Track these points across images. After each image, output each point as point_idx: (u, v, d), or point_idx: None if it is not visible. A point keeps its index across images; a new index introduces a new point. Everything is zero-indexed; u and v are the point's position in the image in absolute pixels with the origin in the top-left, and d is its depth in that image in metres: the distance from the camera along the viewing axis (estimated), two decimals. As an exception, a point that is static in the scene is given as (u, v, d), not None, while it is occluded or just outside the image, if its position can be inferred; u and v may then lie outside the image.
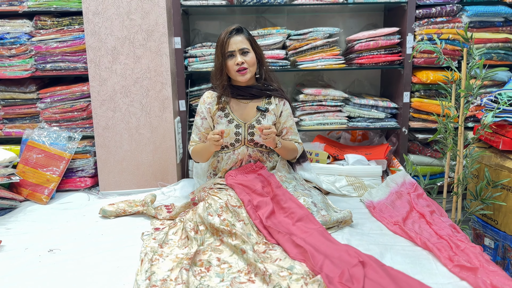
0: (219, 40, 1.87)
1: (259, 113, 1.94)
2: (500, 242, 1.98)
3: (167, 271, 1.36)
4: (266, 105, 1.96)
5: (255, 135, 1.92)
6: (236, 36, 1.85)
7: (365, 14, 2.77)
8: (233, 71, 1.87)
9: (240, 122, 1.92)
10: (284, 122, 2.00)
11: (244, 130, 1.92)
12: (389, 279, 1.22)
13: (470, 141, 2.01)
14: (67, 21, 2.32)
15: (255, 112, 1.94)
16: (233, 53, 1.85)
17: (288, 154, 1.98)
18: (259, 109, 1.93)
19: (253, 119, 1.93)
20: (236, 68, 1.85)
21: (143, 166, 2.33)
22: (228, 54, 1.86)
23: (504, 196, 1.92)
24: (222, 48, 1.85)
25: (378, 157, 2.44)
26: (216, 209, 1.64)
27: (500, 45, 2.40)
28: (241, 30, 1.89)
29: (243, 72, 1.87)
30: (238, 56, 1.84)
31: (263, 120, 1.93)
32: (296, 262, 1.37)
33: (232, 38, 1.85)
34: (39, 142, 2.27)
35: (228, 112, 1.93)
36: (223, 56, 1.86)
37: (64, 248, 1.60)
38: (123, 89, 2.25)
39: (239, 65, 1.85)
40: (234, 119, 1.92)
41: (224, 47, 1.85)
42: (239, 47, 1.85)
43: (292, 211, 1.63)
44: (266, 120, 1.93)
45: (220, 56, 1.86)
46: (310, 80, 2.83)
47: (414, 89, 2.46)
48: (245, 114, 1.94)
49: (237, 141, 1.93)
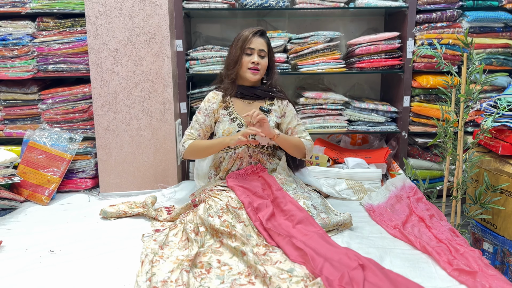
0: (241, 35, 1.93)
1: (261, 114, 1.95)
2: (499, 247, 1.99)
3: (168, 273, 1.36)
4: (268, 106, 1.99)
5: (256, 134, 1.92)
6: (260, 38, 1.93)
7: (366, 19, 2.78)
8: (245, 67, 1.92)
9: (242, 122, 1.94)
10: (289, 122, 2.02)
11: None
12: (388, 282, 1.22)
13: (469, 146, 2.02)
14: (69, 23, 2.34)
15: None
16: (253, 51, 1.91)
17: (293, 149, 1.95)
18: (262, 109, 1.95)
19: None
20: (250, 66, 1.91)
21: (144, 167, 2.34)
22: (247, 51, 1.91)
23: (503, 200, 1.92)
24: (244, 43, 1.91)
25: (378, 160, 2.45)
26: (217, 211, 1.64)
27: (500, 50, 2.42)
28: (265, 33, 1.97)
29: (255, 72, 1.93)
30: (255, 55, 1.91)
31: None
32: (296, 264, 1.38)
33: (257, 37, 1.92)
34: (40, 143, 2.27)
35: (232, 111, 1.96)
36: (242, 50, 1.91)
37: (64, 249, 1.60)
38: (124, 91, 2.26)
39: (253, 64, 1.91)
40: (237, 118, 1.95)
41: (246, 42, 1.91)
42: (259, 47, 1.92)
43: (292, 214, 1.64)
44: (269, 120, 1.95)
45: (239, 49, 1.91)
46: (310, 84, 2.84)
47: (414, 93, 2.47)
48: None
49: None
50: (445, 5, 2.38)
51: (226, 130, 1.94)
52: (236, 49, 1.92)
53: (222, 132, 1.94)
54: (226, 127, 1.94)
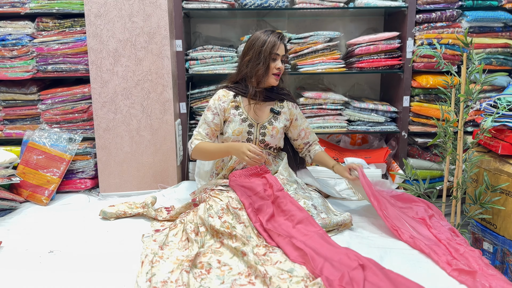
0: (267, 41, 1.88)
1: (271, 115, 1.98)
2: (499, 246, 1.99)
3: (168, 273, 1.36)
4: (278, 108, 2.01)
5: (266, 135, 1.95)
6: (282, 43, 1.92)
7: (366, 19, 2.78)
8: (271, 73, 1.92)
9: (253, 122, 1.95)
10: (301, 124, 2.06)
11: (256, 130, 1.95)
12: (388, 282, 1.22)
13: (469, 146, 2.02)
14: (69, 23, 2.33)
15: (268, 113, 1.98)
16: (277, 57, 1.90)
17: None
18: (273, 110, 1.97)
19: (265, 120, 1.97)
20: (275, 72, 1.91)
21: (144, 168, 2.34)
22: (274, 57, 1.90)
23: (503, 200, 1.93)
24: (272, 49, 1.88)
25: (377, 160, 2.45)
26: (217, 211, 1.64)
27: (499, 50, 2.42)
28: (284, 37, 1.95)
29: (278, 77, 1.94)
30: (279, 61, 1.90)
31: (275, 121, 1.97)
32: (296, 264, 1.38)
33: (282, 43, 1.91)
34: (40, 144, 2.27)
35: (242, 111, 1.96)
36: (270, 56, 1.89)
37: (64, 249, 1.60)
38: (124, 91, 2.26)
39: (279, 70, 1.91)
40: (247, 118, 1.95)
41: (274, 48, 1.88)
42: (283, 53, 1.92)
43: (292, 214, 1.64)
44: (278, 122, 1.97)
45: (268, 55, 1.88)
46: (310, 84, 2.84)
47: (414, 93, 2.47)
48: (258, 114, 1.98)
49: (248, 140, 1.96)
50: (445, 5, 2.38)
51: (236, 130, 1.94)
52: (265, 55, 1.88)
53: (232, 133, 1.94)
54: (237, 127, 1.94)
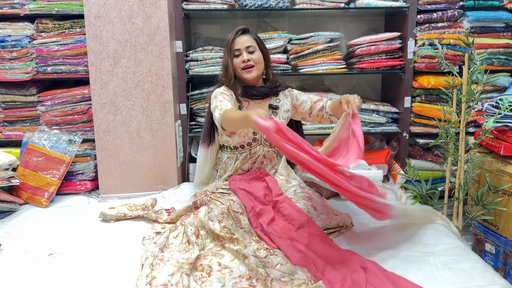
0: (227, 40, 1.93)
1: (271, 111, 1.97)
2: (501, 248, 1.98)
3: (168, 276, 1.35)
4: (276, 103, 1.99)
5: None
6: (243, 36, 1.91)
7: (366, 19, 2.77)
8: (239, 69, 1.91)
9: None
10: (305, 99, 2.01)
11: None
12: (391, 284, 1.22)
13: (471, 146, 2.01)
14: (68, 24, 2.33)
15: (267, 110, 1.97)
16: (240, 51, 1.90)
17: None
18: (271, 106, 1.97)
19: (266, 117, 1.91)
20: (242, 66, 1.89)
21: (144, 169, 2.33)
22: (234, 53, 1.90)
23: (505, 201, 1.91)
24: (229, 46, 1.90)
25: (379, 161, 2.44)
26: (217, 215, 1.63)
27: (501, 50, 2.41)
28: (247, 30, 1.95)
29: (250, 69, 1.90)
30: (244, 54, 1.89)
31: (275, 117, 1.95)
32: (297, 267, 1.37)
33: (239, 37, 1.90)
34: (39, 145, 2.26)
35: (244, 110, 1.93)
36: (229, 54, 1.91)
37: (64, 252, 1.59)
38: (124, 93, 2.25)
39: (245, 63, 1.89)
40: None
41: (231, 45, 1.90)
42: (245, 45, 1.90)
43: (293, 218, 1.63)
44: (278, 117, 1.95)
45: (227, 55, 1.91)
46: (311, 84, 2.84)
47: (415, 94, 2.46)
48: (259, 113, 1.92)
49: (254, 140, 1.95)
50: (446, 5, 2.37)
51: (242, 132, 1.91)
52: (225, 55, 1.92)
53: (238, 134, 1.91)
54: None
